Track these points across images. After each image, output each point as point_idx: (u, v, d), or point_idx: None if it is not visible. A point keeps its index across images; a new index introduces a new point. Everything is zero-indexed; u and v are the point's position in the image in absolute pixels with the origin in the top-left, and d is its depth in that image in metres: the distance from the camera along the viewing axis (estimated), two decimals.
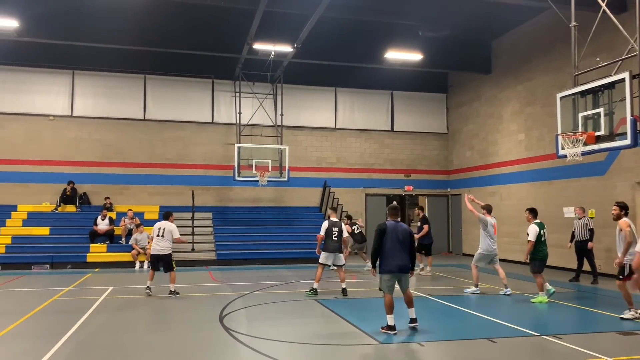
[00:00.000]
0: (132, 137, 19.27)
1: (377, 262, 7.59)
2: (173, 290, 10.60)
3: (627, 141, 8.88)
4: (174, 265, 10.74)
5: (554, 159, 12.27)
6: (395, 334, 7.25)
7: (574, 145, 9.67)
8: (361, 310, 9.30)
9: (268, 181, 18.05)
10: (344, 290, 10.69)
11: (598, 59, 10.21)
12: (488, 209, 11.23)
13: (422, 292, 10.99)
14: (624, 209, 8.43)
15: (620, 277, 8.30)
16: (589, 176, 14.43)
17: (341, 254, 10.92)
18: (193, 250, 16.75)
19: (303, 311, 9.28)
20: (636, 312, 8.20)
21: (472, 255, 11.42)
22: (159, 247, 10.59)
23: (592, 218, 13.35)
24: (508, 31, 18.09)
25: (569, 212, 14.32)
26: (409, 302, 7.62)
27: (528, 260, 10.02)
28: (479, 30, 17.96)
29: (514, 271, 13.84)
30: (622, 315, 8.29)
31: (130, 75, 19.31)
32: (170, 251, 10.64)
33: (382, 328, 7.42)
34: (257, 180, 17.87)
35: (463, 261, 18.01)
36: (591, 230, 12.62)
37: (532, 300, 9.90)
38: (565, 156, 10.02)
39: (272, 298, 10.43)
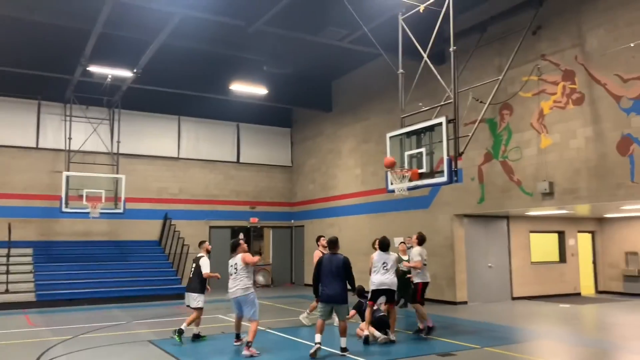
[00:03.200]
0: None
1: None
2: None
3: (444, 178, 9.86)
4: None
5: (386, 192, 13.19)
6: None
7: (401, 180, 10.48)
8: (196, 349, 8.89)
9: (101, 213, 16.70)
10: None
11: (420, 104, 11.29)
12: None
13: (262, 326, 10.88)
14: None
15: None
16: (416, 209, 15.79)
17: (193, 294, 9.60)
18: (7, 291, 14.74)
19: (135, 355, 8.60)
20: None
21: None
22: None
23: None
24: (347, 73, 19.33)
25: (399, 241, 15.43)
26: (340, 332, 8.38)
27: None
28: (320, 70, 18.91)
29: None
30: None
31: None
32: None
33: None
34: (88, 212, 16.45)
35: (305, 292, 18.33)
36: None
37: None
38: (393, 190, 10.80)
39: (100, 342, 9.53)
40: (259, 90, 17.57)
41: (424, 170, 10.26)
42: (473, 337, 9.70)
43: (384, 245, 9.58)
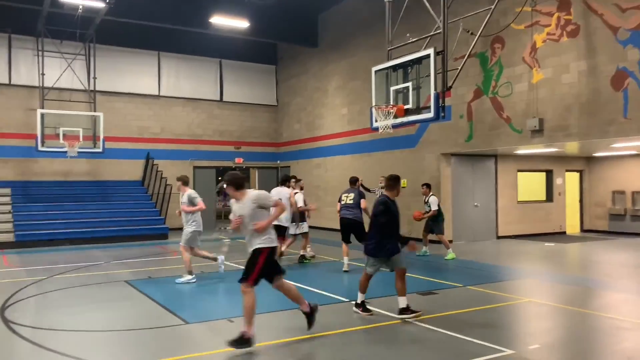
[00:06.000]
0: None
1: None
2: None
3: (431, 114, 9.44)
4: None
5: (372, 132, 12.77)
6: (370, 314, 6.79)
7: (386, 117, 10.04)
8: (172, 290, 8.72)
9: (79, 152, 16.19)
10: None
11: (408, 34, 10.69)
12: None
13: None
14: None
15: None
16: (403, 148, 15.43)
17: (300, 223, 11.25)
18: None
19: (108, 295, 8.39)
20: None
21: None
22: None
23: (404, 187, 14.27)
24: (333, 5, 18.42)
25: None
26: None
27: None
28: (305, 2, 17.97)
29: (334, 239, 14.25)
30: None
31: None
32: None
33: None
34: (66, 151, 15.94)
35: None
36: None
37: (445, 258, 11.59)
38: (377, 128, 10.38)
39: (75, 282, 9.31)
40: (241, 23, 16.70)
41: (410, 106, 9.82)
42: (456, 276, 9.61)
43: (282, 179, 10.81)
